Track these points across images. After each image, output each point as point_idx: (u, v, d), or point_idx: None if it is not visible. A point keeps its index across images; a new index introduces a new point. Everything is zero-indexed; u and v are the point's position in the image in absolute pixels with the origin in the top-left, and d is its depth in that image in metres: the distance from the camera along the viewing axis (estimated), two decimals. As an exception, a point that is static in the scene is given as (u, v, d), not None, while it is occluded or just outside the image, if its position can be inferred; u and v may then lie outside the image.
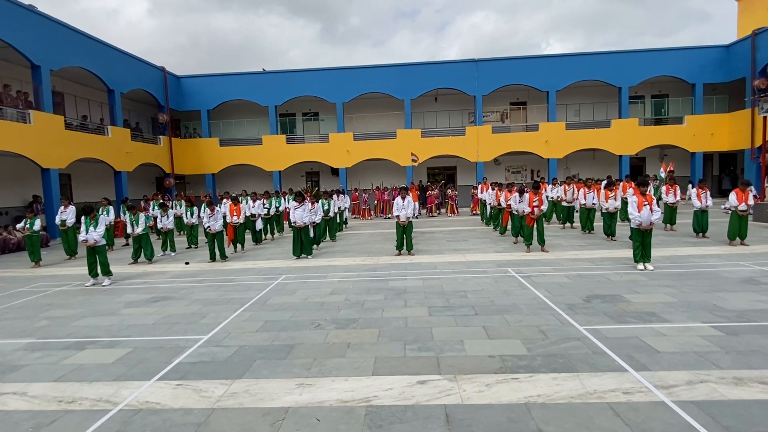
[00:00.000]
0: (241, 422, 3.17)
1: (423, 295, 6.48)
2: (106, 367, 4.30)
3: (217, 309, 6.22)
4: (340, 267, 9.05)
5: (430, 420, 3.08)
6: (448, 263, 8.92)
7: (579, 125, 23.77)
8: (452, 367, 3.91)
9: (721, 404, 3.11)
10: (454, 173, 26.20)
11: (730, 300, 5.60)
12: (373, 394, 3.49)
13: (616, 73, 22.55)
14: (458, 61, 23.68)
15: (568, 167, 24.34)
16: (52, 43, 15.66)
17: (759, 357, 3.86)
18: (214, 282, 8.14)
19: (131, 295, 7.38)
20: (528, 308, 5.60)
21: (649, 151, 23.79)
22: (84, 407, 3.50)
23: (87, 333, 5.42)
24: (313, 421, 3.14)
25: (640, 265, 7.67)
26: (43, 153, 14.99)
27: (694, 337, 4.37)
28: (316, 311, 5.89)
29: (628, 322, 4.92)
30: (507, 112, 25.58)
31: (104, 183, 19.39)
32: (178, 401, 3.52)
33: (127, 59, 20.06)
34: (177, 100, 23.75)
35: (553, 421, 2.99)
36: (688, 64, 22.37)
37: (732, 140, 22.27)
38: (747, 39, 20.96)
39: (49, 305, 6.97)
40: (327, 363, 4.14)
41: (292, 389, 3.64)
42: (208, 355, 4.46)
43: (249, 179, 24.87)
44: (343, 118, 23.78)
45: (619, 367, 3.76)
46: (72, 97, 18.61)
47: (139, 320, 5.86)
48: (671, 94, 24.27)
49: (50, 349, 4.88)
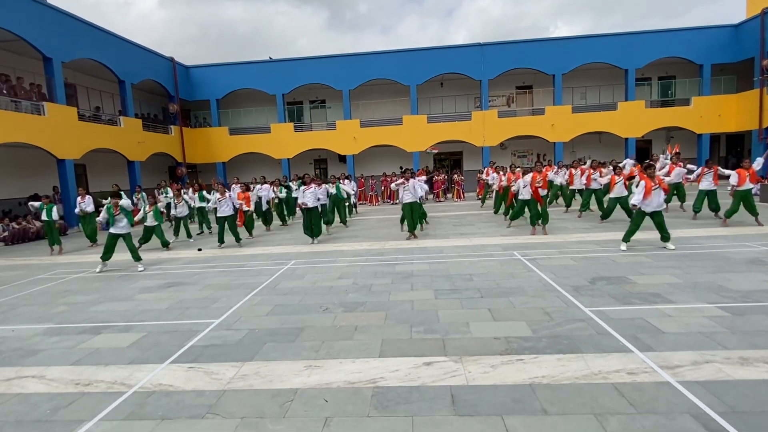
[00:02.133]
0: (251, 403, 3.26)
1: (429, 279, 6.53)
2: (121, 350, 4.43)
3: (229, 294, 6.33)
4: (348, 252, 9.13)
5: (436, 401, 3.14)
6: (454, 247, 8.96)
7: (585, 108, 23.42)
8: (458, 349, 3.97)
9: (726, 384, 3.13)
10: (461, 158, 26.06)
11: (736, 281, 5.58)
12: (379, 376, 3.56)
13: (623, 55, 22.12)
14: (464, 46, 23.34)
15: (574, 150, 24.09)
16: (63, 36, 15.70)
17: (765, 337, 3.86)
18: (226, 267, 8.26)
19: (146, 281, 7.53)
20: (533, 290, 5.63)
21: (656, 133, 23.43)
22: (100, 389, 3.62)
23: (103, 318, 5.56)
24: (321, 402, 3.22)
25: (624, 245, 7.80)
26: (58, 144, 15.17)
27: (700, 318, 4.37)
28: (324, 295, 5.98)
29: (633, 303, 4.93)
30: (513, 96, 25.26)
31: (118, 173, 19.62)
32: (190, 383, 3.63)
33: (137, 50, 20.08)
34: (186, 90, 23.80)
35: (558, 402, 3.03)
36: (696, 44, 21.85)
37: (739, 121, 21.84)
38: (756, 18, 20.36)
39: (67, 291, 7.14)
40: (335, 345, 4.22)
41: (300, 371, 3.72)
42: (220, 339, 4.57)
43: (258, 167, 24.96)
44: (349, 105, 23.67)
45: (624, 348, 3.79)
46: (84, 89, 18.69)
47: (153, 305, 6.00)
48: (678, 75, 23.79)
49: (67, 334, 5.03)
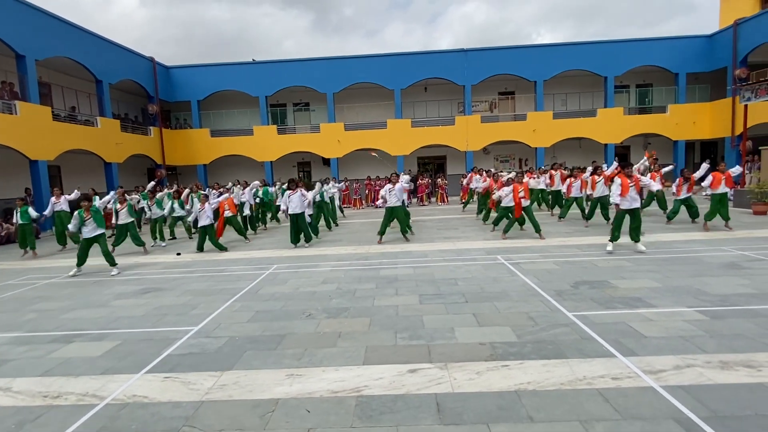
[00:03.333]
0: (230, 415, 3.15)
1: (414, 283, 6.48)
2: (94, 360, 4.25)
3: (208, 300, 6.16)
4: (332, 256, 9.02)
5: (421, 409, 3.08)
6: (439, 251, 8.94)
7: (566, 114, 23.87)
8: (443, 355, 3.92)
9: (708, 388, 3.15)
10: (444, 162, 26.20)
11: (714, 284, 5.69)
12: (363, 384, 3.48)
13: (602, 63, 22.63)
14: (448, 51, 23.54)
15: (555, 156, 24.46)
16: (37, 33, 15.23)
17: (742, 340, 3.92)
18: (206, 273, 8.07)
19: (121, 287, 7.29)
20: (517, 295, 5.64)
21: (634, 139, 23.99)
22: (70, 402, 3.45)
23: (75, 326, 5.34)
24: (303, 412, 3.13)
25: (610, 246, 7.94)
26: (31, 144, 14.68)
27: (680, 322, 4.43)
28: (307, 301, 5.87)
29: (616, 307, 4.97)
30: (496, 101, 25.55)
31: (95, 174, 19.03)
32: (167, 394, 3.49)
33: (115, 49, 19.62)
34: (167, 90, 23.34)
35: (544, 408, 3.00)
36: (672, 53, 22.52)
37: (713, 128, 22.56)
38: (729, 29, 21.11)
39: (38, 298, 6.86)
40: (318, 353, 4.13)
41: (282, 380, 3.62)
42: (198, 347, 4.43)
43: (241, 170, 24.65)
44: (333, 108, 23.58)
45: (608, 353, 3.80)
46: (59, 88, 18.12)
47: (129, 312, 5.80)
48: (655, 83, 24.44)
49: (37, 343, 4.81)
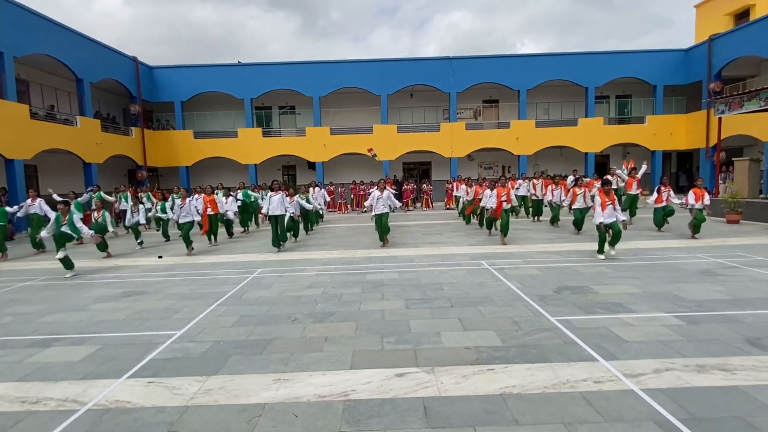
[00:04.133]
0: (216, 420, 3.11)
1: (400, 288, 6.51)
2: (74, 365, 4.14)
3: (191, 304, 6.07)
4: (318, 260, 8.99)
5: (408, 413, 3.10)
6: (424, 256, 9.00)
7: (548, 123, 24.37)
8: (429, 360, 3.96)
9: (686, 391, 3.25)
10: (429, 168, 26.40)
11: (690, 291, 5.87)
12: (351, 388, 3.49)
13: (583, 74, 23.21)
14: (434, 59, 23.82)
15: (537, 163, 24.92)
16: (15, 29, 14.84)
17: (718, 345, 4.06)
18: (189, 276, 7.95)
19: (101, 290, 7.13)
20: (502, 300, 5.72)
21: (613, 149, 24.61)
22: (49, 407, 3.37)
23: (54, 330, 5.20)
24: (291, 417, 3.11)
25: (601, 255, 8.14)
26: (7, 143, 14.25)
27: (659, 327, 4.56)
28: (293, 305, 5.84)
29: (597, 312, 5.09)
30: (480, 109, 25.92)
31: (73, 175, 18.57)
32: (150, 399, 3.43)
33: (96, 48, 19.23)
34: (150, 91, 22.98)
35: (529, 412, 3.06)
36: (650, 66, 23.23)
37: (689, 140, 23.32)
38: (704, 44, 21.89)
39: (13, 301, 6.65)
40: (304, 357, 4.12)
41: (268, 385, 3.60)
42: (182, 351, 4.36)
43: (224, 172, 24.36)
44: (319, 112, 23.56)
45: (590, 357, 3.89)
46: (38, 86, 17.67)
47: (110, 316, 5.67)
48: (634, 94, 25.16)
49: (13, 347, 4.67)
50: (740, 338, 4.20)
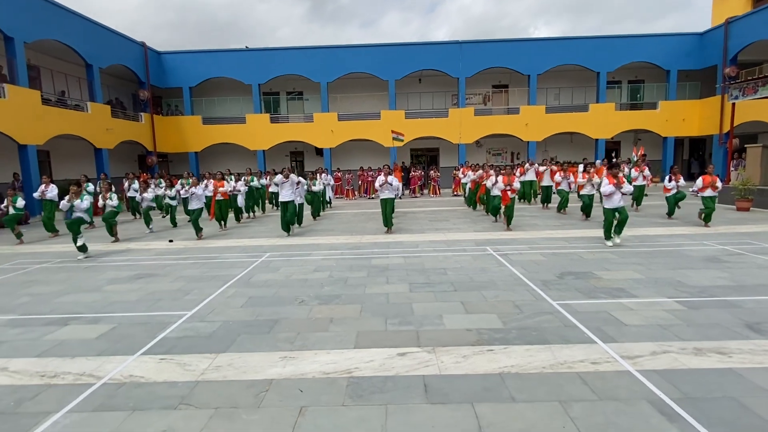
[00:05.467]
0: (225, 394, 3.26)
1: (404, 272, 6.61)
2: (89, 342, 4.33)
3: (201, 286, 6.24)
4: (324, 245, 9.12)
5: (409, 389, 3.22)
6: (430, 242, 9.08)
7: (558, 109, 24.01)
8: (431, 340, 4.06)
9: (681, 372, 3.33)
10: (437, 155, 26.29)
11: (694, 277, 5.89)
12: (354, 366, 3.61)
13: (595, 58, 22.78)
14: (443, 43, 23.53)
15: (547, 150, 24.69)
16: (26, 15, 14.95)
17: (717, 329, 4.11)
18: (199, 259, 8.13)
19: (114, 272, 7.33)
20: (504, 284, 5.79)
21: (624, 135, 24.27)
22: (67, 381, 3.54)
23: (69, 309, 5.40)
24: (296, 392, 3.25)
25: (609, 242, 8.12)
26: (20, 129, 14.48)
27: (659, 311, 4.61)
28: (299, 288, 5.98)
29: (598, 297, 5.15)
30: (489, 94, 25.64)
31: (84, 160, 18.83)
32: (162, 374, 3.59)
33: (105, 33, 19.30)
34: (158, 76, 23.07)
35: (526, 390, 3.16)
36: (664, 50, 22.73)
37: (702, 126, 22.90)
38: (720, 27, 21.34)
39: (30, 282, 6.88)
40: (310, 337, 4.25)
41: (275, 362, 3.74)
42: (192, 330, 4.52)
43: (232, 158, 24.53)
44: (327, 97, 23.49)
45: (589, 339, 3.96)
46: (48, 72, 17.85)
47: (123, 297, 5.86)
48: (647, 79, 24.65)
49: (32, 325, 4.87)
50: (740, 323, 4.24)
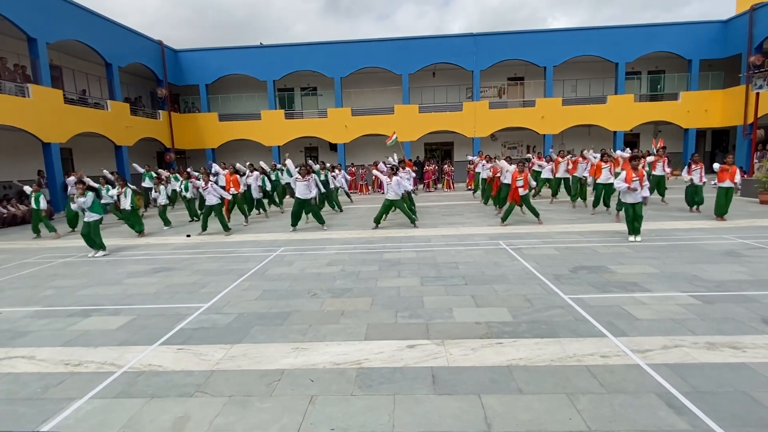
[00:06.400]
0: (239, 382, 3.37)
1: (416, 266, 6.66)
2: (111, 333, 4.50)
3: (218, 279, 6.40)
4: (337, 240, 9.22)
5: (418, 380, 3.28)
6: (442, 236, 9.09)
7: (575, 101, 23.59)
8: (440, 333, 4.11)
9: (692, 366, 3.30)
10: (451, 149, 26.15)
11: (710, 271, 5.79)
12: (364, 357, 3.68)
13: (614, 49, 22.25)
14: (457, 36, 23.30)
15: (564, 143, 24.31)
16: (47, 16, 15.35)
17: (732, 324, 4.06)
18: (215, 254, 8.31)
19: (133, 266, 7.56)
20: (516, 278, 5.79)
21: (644, 127, 23.71)
22: (90, 369, 3.70)
23: (91, 301, 5.61)
24: (307, 381, 3.34)
25: (631, 237, 7.96)
26: (43, 127, 14.93)
27: (672, 306, 4.56)
28: (312, 281, 6.08)
29: (611, 291, 5.11)
30: (504, 87, 25.34)
31: (105, 157, 19.31)
32: (180, 364, 3.72)
33: (124, 32, 19.70)
34: (175, 74, 23.47)
35: (533, 382, 3.18)
36: (686, 39, 22.06)
37: (725, 117, 22.20)
38: (745, 14, 20.59)
39: (54, 275, 7.14)
40: (321, 329, 4.34)
41: (287, 353, 3.83)
42: (209, 322, 4.66)
43: (249, 154, 24.79)
44: (341, 93, 23.55)
45: (599, 333, 3.96)
46: (70, 71, 18.33)
47: (142, 289, 6.05)
48: (667, 70, 23.98)
49: (56, 317, 5.08)
50: (756, 318, 4.18)
